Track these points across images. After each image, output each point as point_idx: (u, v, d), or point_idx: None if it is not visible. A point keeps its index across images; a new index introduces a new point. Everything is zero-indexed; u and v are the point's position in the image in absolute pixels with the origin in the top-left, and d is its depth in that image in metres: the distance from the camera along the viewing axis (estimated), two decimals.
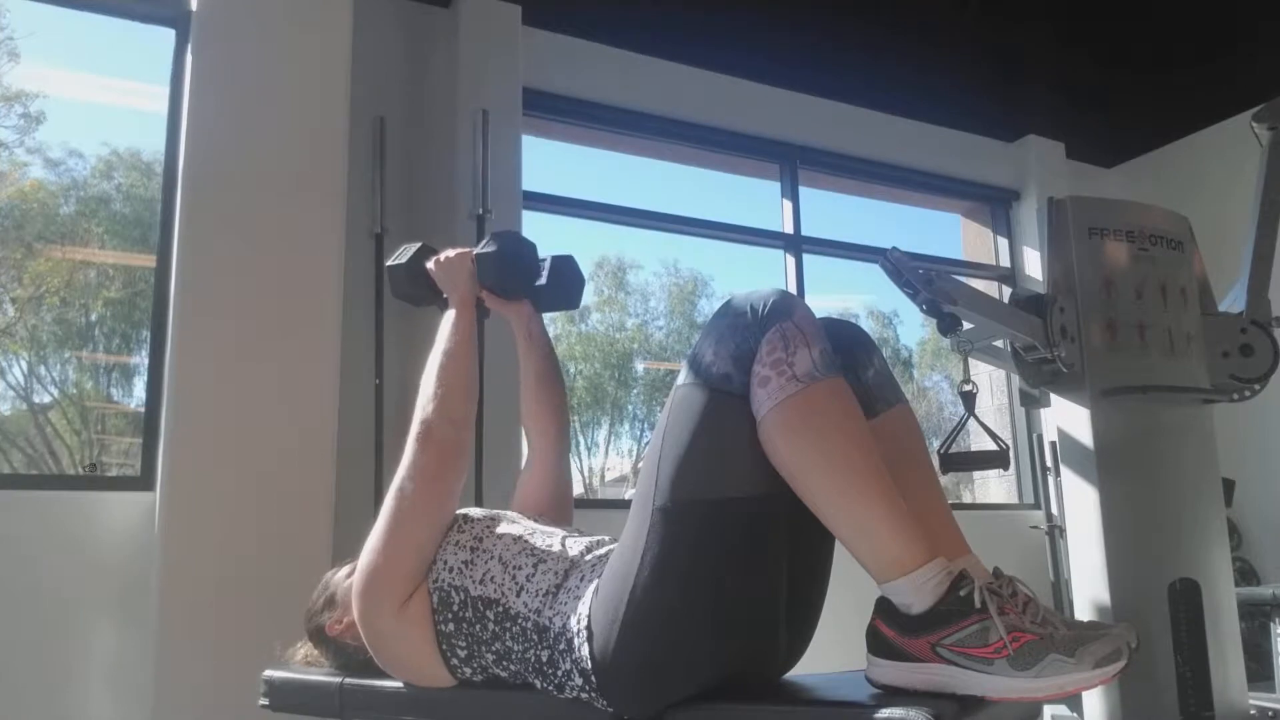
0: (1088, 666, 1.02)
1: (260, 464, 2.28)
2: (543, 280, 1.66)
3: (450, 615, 1.29)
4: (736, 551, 1.14)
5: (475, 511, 1.43)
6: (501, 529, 1.36)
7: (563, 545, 1.32)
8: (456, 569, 1.31)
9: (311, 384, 2.38)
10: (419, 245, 1.70)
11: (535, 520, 1.45)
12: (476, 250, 1.60)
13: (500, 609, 1.26)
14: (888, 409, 1.29)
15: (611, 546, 1.31)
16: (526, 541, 1.33)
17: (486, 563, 1.30)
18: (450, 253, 1.62)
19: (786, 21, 3.54)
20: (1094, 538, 2.07)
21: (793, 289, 3.93)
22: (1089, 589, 2.08)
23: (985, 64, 3.89)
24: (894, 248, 1.93)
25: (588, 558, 1.29)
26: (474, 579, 1.30)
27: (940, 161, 4.33)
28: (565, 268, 1.69)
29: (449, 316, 1.53)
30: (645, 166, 4.03)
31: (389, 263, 1.70)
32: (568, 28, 3.49)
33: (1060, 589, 3.57)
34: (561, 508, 1.64)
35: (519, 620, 1.25)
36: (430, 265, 1.63)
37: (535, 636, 1.23)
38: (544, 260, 1.67)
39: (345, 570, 1.48)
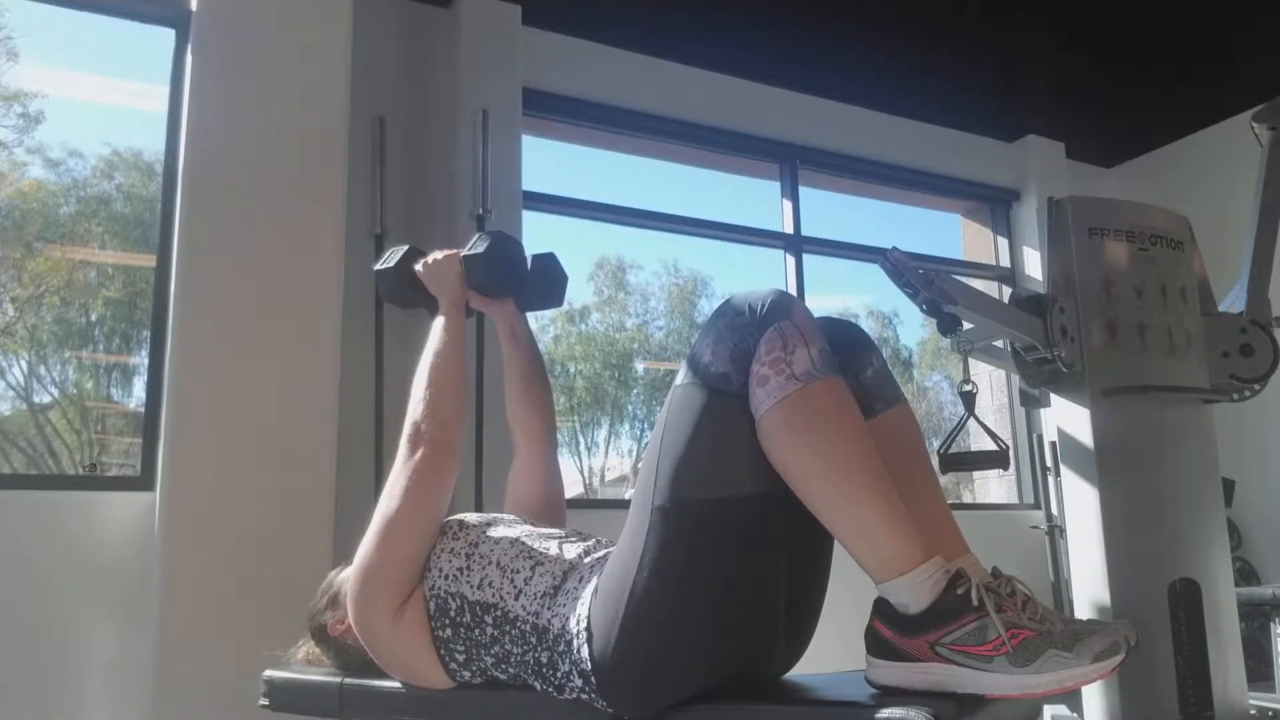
0: (1086, 661, 1.03)
1: (260, 464, 2.28)
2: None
3: (447, 621, 1.29)
4: (736, 551, 1.15)
5: (471, 517, 1.43)
6: (498, 533, 1.36)
7: (560, 548, 1.32)
8: (452, 575, 1.31)
9: (311, 384, 2.38)
10: (406, 248, 1.70)
11: (531, 523, 1.45)
12: (464, 252, 1.61)
13: (499, 613, 1.26)
14: (887, 409, 1.29)
15: (609, 548, 1.31)
16: (524, 544, 1.33)
17: (484, 568, 1.30)
18: (438, 255, 1.63)
19: (786, 22, 3.54)
20: (1094, 538, 2.07)
21: (793, 289, 3.93)
22: (1089, 589, 2.08)
23: (985, 64, 3.89)
24: (894, 248, 1.93)
25: (586, 559, 1.29)
26: (471, 584, 1.30)
27: (940, 161, 4.33)
28: (548, 265, 1.71)
29: (439, 319, 1.54)
30: (645, 166, 4.03)
31: (377, 266, 1.71)
32: (568, 28, 3.50)
33: (1060, 589, 3.58)
34: (553, 507, 1.64)
35: (518, 623, 1.25)
36: (418, 268, 1.64)
37: (534, 639, 1.23)
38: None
39: (348, 571, 1.48)
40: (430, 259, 1.63)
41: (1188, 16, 3.52)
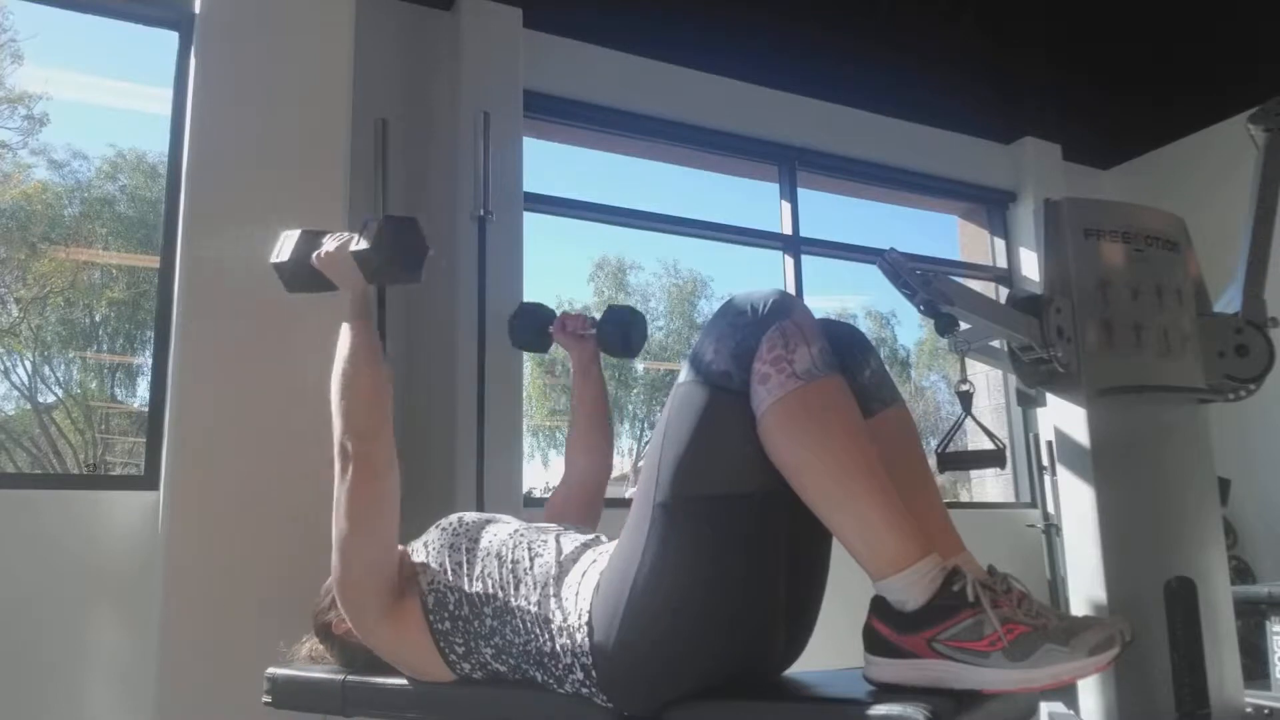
0: (1082, 654, 1.04)
1: (263, 463, 2.29)
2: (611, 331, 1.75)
3: (446, 614, 1.31)
4: (736, 548, 1.16)
5: (470, 515, 1.44)
6: (496, 528, 1.38)
7: (558, 541, 1.34)
8: (451, 570, 1.33)
9: (314, 384, 2.39)
10: (298, 234, 1.57)
11: (529, 521, 1.47)
12: (352, 246, 1.47)
13: (499, 603, 1.28)
14: (884, 409, 1.30)
15: (608, 543, 1.33)
16: (523, 535, 1.35)
17: (483, 560, 1.32)
18: (330, 245, 1.50)
19: (785, 25, 3.55)
20: (1090, 536, 2.08)
21: (792, 290, 3.94)
22: (1085, 587, 2.09)
23: (982, 67, 3.90)
24: (892, 249, 1.95)
25: (585, 553, 1.30)
26: (470, 577, 1.31)
27: (937, 163, 4.34)
28: (632, 320, 1.78)
29: (345, 324, 1.45)
30: (645, 168, 4.05)
31: (271, 259, 1.58)
32: (568, 30, 3.51)
33: (1057, 587, 3.59)
34: (591, 522, 1.72)
35: (518, 613, 1.26)
36: (314, 261, 1.52)
37: (537, 629, 1.25)
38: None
39: None
40: (323, 251, 1.50)
41: (1184, 19, 3.53)
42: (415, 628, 1.33)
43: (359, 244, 1.47)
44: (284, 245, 1.57)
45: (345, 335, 1.44)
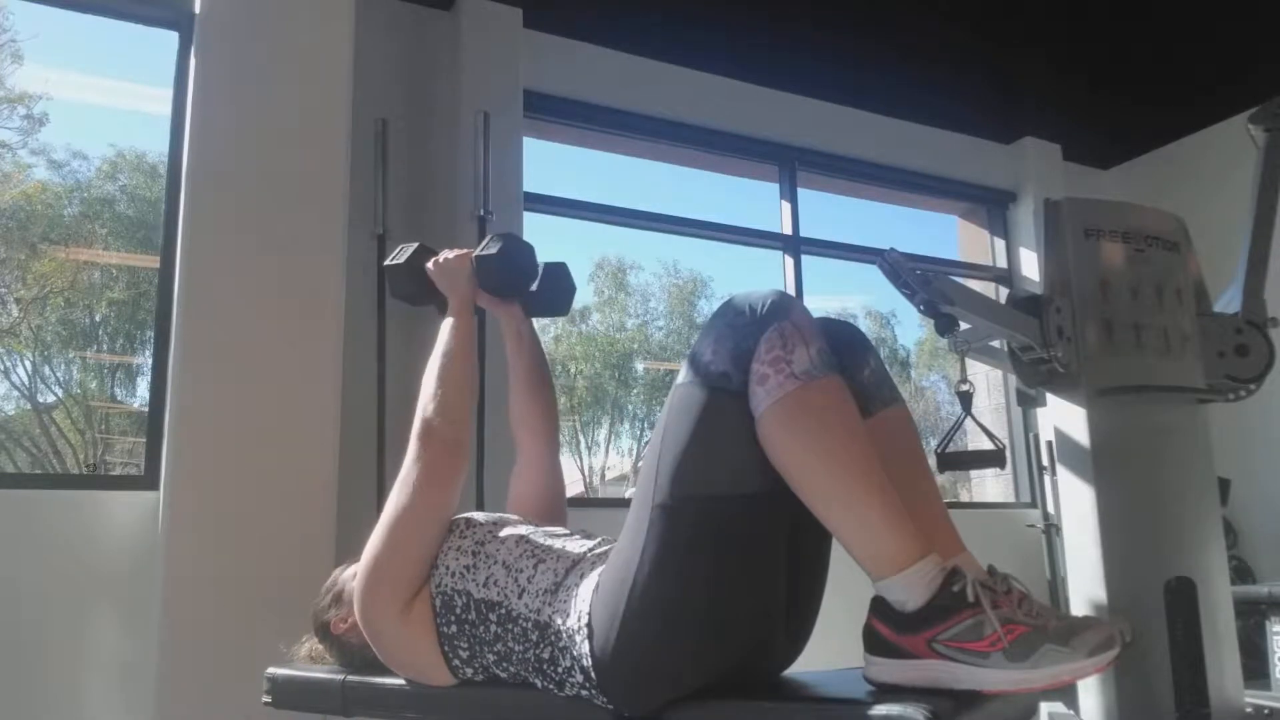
0: (1082, 655, 1.04)
1: (263, 463, 2.29)
2: (534, 286, 1.69)
3: (453, 618, 1.30)
4: (735, 548, 1.16)
5: (479, 516, 1.44)
6: (504, 532, 1.38)
7: (565, 545, 1.34)
8: (459, 573, 1.32)
9: (314, 384, 2.40)
10: (416, 245, 1.70)
11: (536, 523, 1.46)
12: (476, 252, 1.61)
13: (502, 611, 1.28)
14: (884, 408, 1.30)
15: (611, 546, 1.33)
16: (530, 542, 1.34)
17: (490, 566, 1.32)
18: (449, 254, 1.63)
19: (785, 25, 3.55)
20: (1090, 536, 2.08)
21: (792, 289, 3.94)
22: (1085, 587, 2.09)
23: (982, 67, 3.91)
24: (891, 249, 1.95)
25: (589, 556, 1.30)
26: (477, 582, 1.31)
27: (937, 163, 4.34)
28: (559, 274, 1.71)
29: (448, 319, 1.55)
30: (645, 168, 4.05)
31: (387, 262, 1.71)
32: (568, 30, 3.51)
33: (1057, 587, 3.59)
34: (554, 507, 1.65)
35: (520, 621, 1.26)
36: (429, 266, 1.65)
37: (536, 635, 1.25)
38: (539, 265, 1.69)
39: (353, 569, 1.49)
40: (441, 258, 1.63)
41: (1184, 19, 3.54)
42: (422, 629, 1.32)
43: (486, 249, 1.60)
44: (401, 252, 1.69)
45: (449, 331, 1.52)
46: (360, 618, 1.36)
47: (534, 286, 1.69)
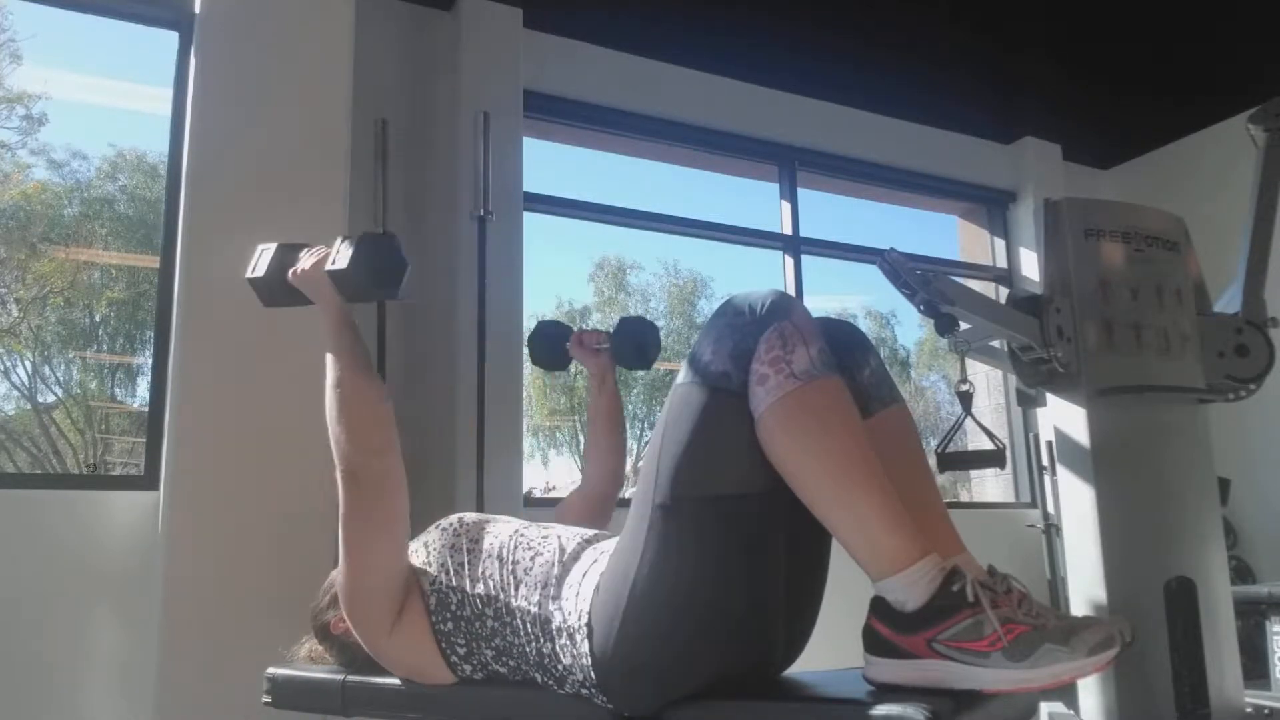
0: (1082, 655, 1.04)
1: (263, 463, 2.29)
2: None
3: (449, 615, 1.31)
4: (735, 548, 1.16)
5: (470, 516, 1.44)
6: (497, 528, 1.38)
7: (558, 540, 1.34)
8: (453, 570, 1.33)
9: (314, 384, 2.39)
10: (274, 247, 1.54)
11: (530, 521, 1.47)
12: (327, 266, 1.44)
13: (500, 604, 1.28)
14: (884, 408, 1.30)
15: (608, 539, 1.33)
16: (523, 536, 1.35)
17: (484, 561, 1.32)
18: (305, 264, 1.46)
19: (785, 25, 3.55)
20: (1090, 536, 2.08)
21: (791, 290, 3.94)
22: (1085, 587, 2.10)
23: (982, 67, 3.90)
24: (891, 249, 1.95)
25: (585, 552, 1.30)
26: (471, 578, 1.31)
27: (937, 163, 4.34)
28: (640, 330, 1.84)
29: (326, 339, 1.43)
30: (645, 168, 4.05)
31: (247, 275, 1.54)
32: (569, 30, 3.51)
33: (1057, 587, 3.59)
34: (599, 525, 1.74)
35: (518, 615, 1.27)
36: (290, 278, 1.49)
37: (537, 630, 1.25)
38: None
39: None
40: (299, 268, 1.47)
41: (1184, 19, 3.54)
42: (419, 631, 1.33)
43: (335, 263, 1.43)
44: (260, 260, 1.54)
45: (329, 354, 1.42)
46: (357, 634, 1.38)
47: (624, 343, 1.79)
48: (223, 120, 2.43)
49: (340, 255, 1.42)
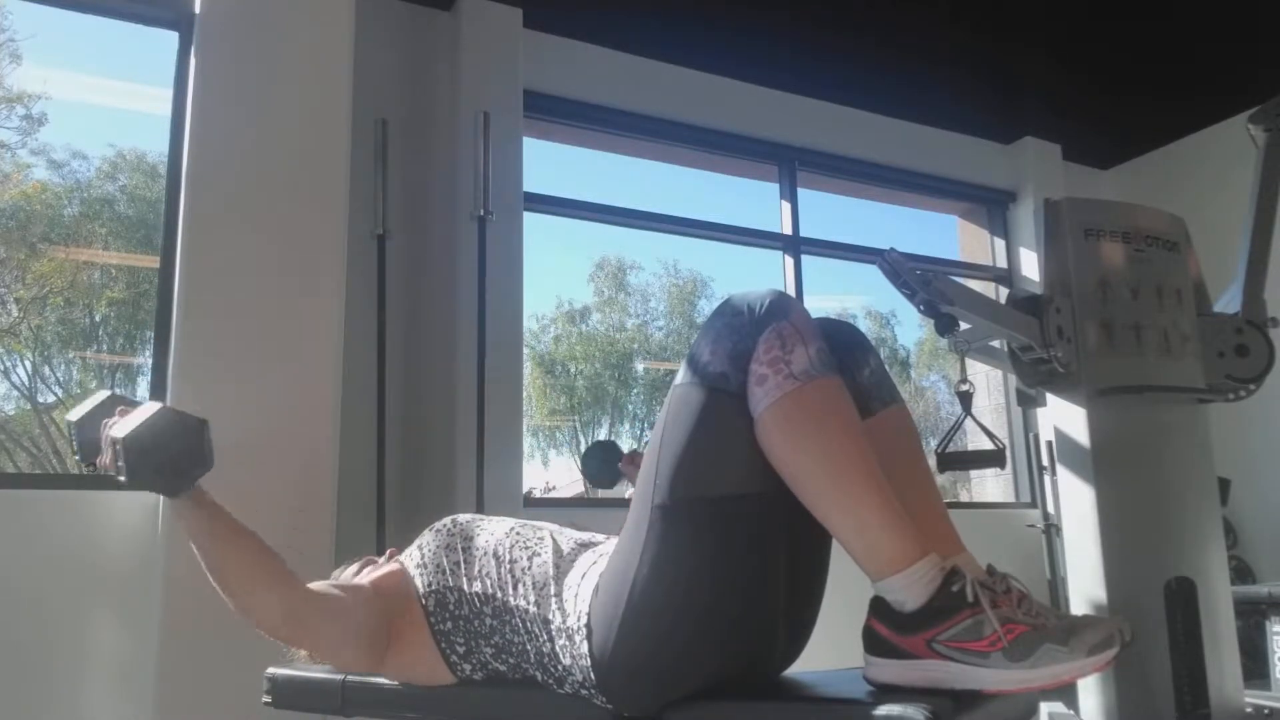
0: (1082, 654, 1.04)
1: (262, 464, 2.29)
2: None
3: (447, 614, 1.31)
4: (735, 549, 1.16)
5: (463, 516, 1.45)
6: (491, 526, 1.39)
7: (554, 539, 1.34)
8: (449, 570, 1.33)
9: (314, 385, 2.40)
10: (106, 396, 1.39)
11: (524, 521, 1.47)
12: (105, 461, 1.32)
13: (498, 603, 1.28)
14: (884, 408, 1.29)
15: (605, 542, 1.33)
16: (519, 534, 1.35)
17: (480, 559, 1.32)
18: (117, 431, 1.28)
19: (785, 25, 3.55)
20: (1090, 536, 2.08)
21: (791, 290, 3.94)
22: (1085, 587, 2.10)
23: (982, 67, 3.91)
24: (891, 249, 1.95)
25: (584, 553, 1.30)
26: (468, 576, 1.31)
27: (937, 163, 4.35)
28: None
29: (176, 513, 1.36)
30: (645, 168, 4.05)
31: (69, 417, 1.41)
32: (568, 30, 3.51)
33: (1057, 587, 3.59)
34: None
35: (516, 614, 1.27)
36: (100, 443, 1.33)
37: (537, 628, 1.25)
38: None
39: (352, 569, 1.50)
40: (107, 435, 1.31)
41: (1184, 19, 3.54)
42: (417, 641, 1.33)
43: (114, 470, 1.28)
44: (87, 404, 1.38)
45: (184, 527, 1.35)
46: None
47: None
48: (223, 120, 2.43)
49: (118, 455, 1.25)
